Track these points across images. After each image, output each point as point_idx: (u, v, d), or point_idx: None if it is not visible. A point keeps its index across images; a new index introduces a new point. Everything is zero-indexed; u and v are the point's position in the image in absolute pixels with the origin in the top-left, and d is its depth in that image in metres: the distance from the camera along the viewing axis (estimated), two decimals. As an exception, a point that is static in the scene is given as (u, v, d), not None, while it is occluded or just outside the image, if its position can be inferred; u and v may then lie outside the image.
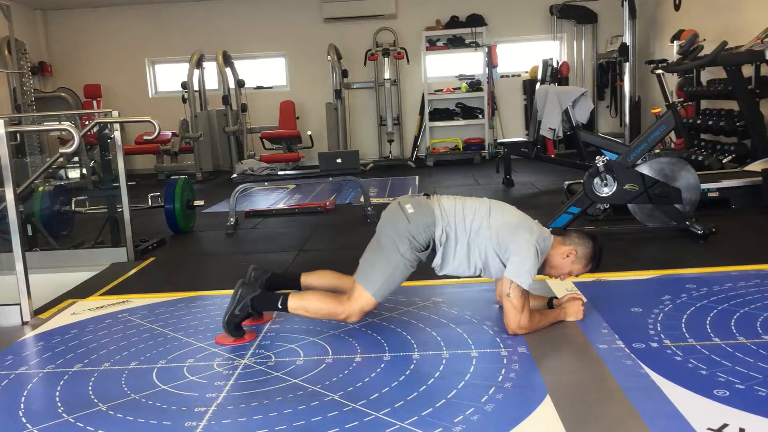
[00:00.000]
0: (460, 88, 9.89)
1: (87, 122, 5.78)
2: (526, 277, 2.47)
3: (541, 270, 2.64)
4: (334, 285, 2.80)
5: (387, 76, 9.52)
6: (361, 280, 2.56)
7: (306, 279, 2.87)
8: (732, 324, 2.56)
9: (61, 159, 5.96)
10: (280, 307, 2.61)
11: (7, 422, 2.07)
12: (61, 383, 2.35)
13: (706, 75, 7.05)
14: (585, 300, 2.81)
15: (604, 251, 2.70)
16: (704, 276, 3.27)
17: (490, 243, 2.56)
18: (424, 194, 2.72)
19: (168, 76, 10.53)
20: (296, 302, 2.59)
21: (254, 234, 5.23)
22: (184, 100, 9.12)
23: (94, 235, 4.77)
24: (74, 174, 7.83)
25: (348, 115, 9.77)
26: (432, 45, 9.89)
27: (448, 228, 2.58)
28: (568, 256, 2.61)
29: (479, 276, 2.67)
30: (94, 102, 9.89)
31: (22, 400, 2.24)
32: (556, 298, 2.80)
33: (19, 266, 3.05)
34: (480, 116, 9.91)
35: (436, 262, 2.64)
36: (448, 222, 2.58)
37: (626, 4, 8.47)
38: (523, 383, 2.15)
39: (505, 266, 2.54)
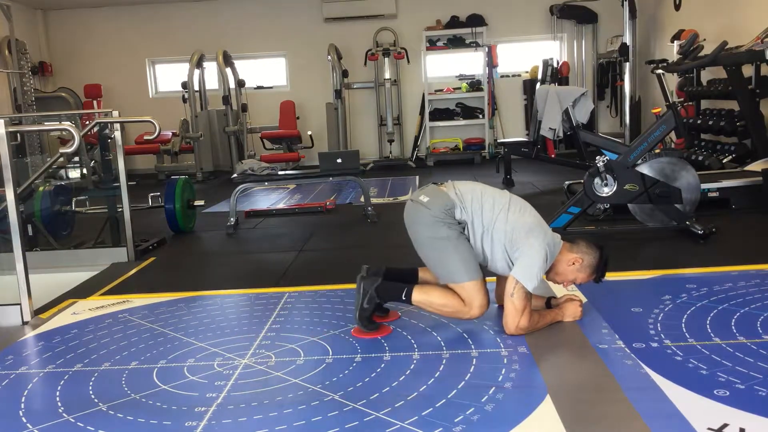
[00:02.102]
0: (460, 88, 9.88)
1: (87, 122, 5.77)
2: (533, 279, 2.48)
3: (546, 275, 2.64)
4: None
5: (387, 76, 9.51)
6: (450, 280, 2.58)
7: (424, 274, 2.82)
8: (732, 324, 2.56)
9: (61, 159, 5.97)
10: (404, 298, 2.61)
11: (8, 422, 2.07)
12: (61, 383, 2.36)
13: (706, 75, 7.05)
14: (583, 300, 2.81)
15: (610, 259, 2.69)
16: (704, 276, 3.27)
17: (504, 237, 2.57)
18: (433, 183, 2.74)
19: (168, 76, 10.53)
20: (421, 295, 2.60)
21: (254, 234, 5.23)
22: (184, 100, 9.13)
23: (95, 235, 4.77)
24: (75, 174, 7.83)
25: (348, 115, 9.77)
26: (432, 45, 9.89)
27: (467, 210, 2.61)
28: (573, 263, 2.61)
29: (486, 266, 2.68)
30: (95, 102, 9.89)
31: (23, 399, 2.24)
32: (555, 297, 2.80)
33: (20, 266, 3.05)
34: (480, 116, 9.91)
35: None
36: (464, 207, 2.61)
37: (626, 4, 8.46)
38: (524, 383, 2.15)
39: (511, 264, 2.55)
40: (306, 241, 4.80)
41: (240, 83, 9.35)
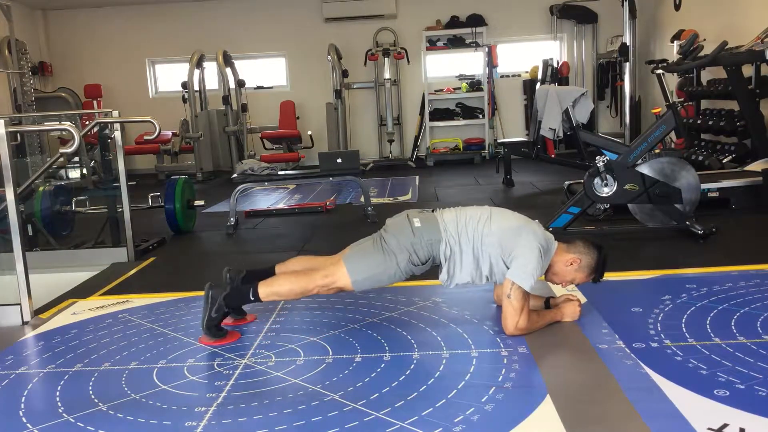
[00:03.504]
0: (460, 88, 9.88)
1: (87, 122, 5.78)
2: (529, 278, 2.47)
3: (544, 276, 2.64)
4: (307, 267, 2.77)
5: (387, 76, 9.52)
6: (348, 264, 2.57)
7: (280, 268, 2.85)
8: (732, 324, 2.56)
9: (61, 159, 5.96)
10: (252, 298, 2.61)
11: (8, 422, 2.07)
12: (61, 383, 2.35)
13: (706, 75, 7.05)
14: (582, 300, 2.81)
15: (609, 259, 2.69)
16: (704, 276, 3.27)
17: (494, 249, 2.56)
18: (432, 210, 2.73)
19: (168, 76, 10.53)
20: (266, 289, 2.60)
21: (254, 234, 5.23)
22: (184, 100, 9.12)
23: (95, 235, 4.77)
24: (75, 174, 7.85)
25: (348, 115, 9.77)
26: (432, 45, 9.89)
27: (452, 241, 2.58)
28: (571, 264, 2.61)
29: (487, 281, 2.67)
30: (95, 102, 9.89)
31: (23, 400, 2.24)
32: (554, 297, 2.80)
33: (20, 266, 3.05)
34: (480, 116, 9.91)
35: (443, 277, 2.65)
36: (451, 234, 2.59)
37: (626, 4, 8.46)
38: (524, 383, 2.15)
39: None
40: (306, 241, 4.80)
41: (240, 83, 9.35)
